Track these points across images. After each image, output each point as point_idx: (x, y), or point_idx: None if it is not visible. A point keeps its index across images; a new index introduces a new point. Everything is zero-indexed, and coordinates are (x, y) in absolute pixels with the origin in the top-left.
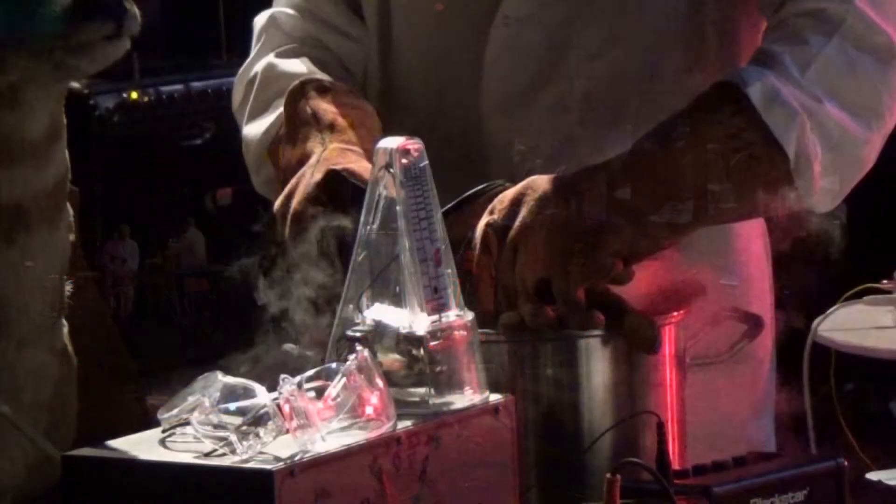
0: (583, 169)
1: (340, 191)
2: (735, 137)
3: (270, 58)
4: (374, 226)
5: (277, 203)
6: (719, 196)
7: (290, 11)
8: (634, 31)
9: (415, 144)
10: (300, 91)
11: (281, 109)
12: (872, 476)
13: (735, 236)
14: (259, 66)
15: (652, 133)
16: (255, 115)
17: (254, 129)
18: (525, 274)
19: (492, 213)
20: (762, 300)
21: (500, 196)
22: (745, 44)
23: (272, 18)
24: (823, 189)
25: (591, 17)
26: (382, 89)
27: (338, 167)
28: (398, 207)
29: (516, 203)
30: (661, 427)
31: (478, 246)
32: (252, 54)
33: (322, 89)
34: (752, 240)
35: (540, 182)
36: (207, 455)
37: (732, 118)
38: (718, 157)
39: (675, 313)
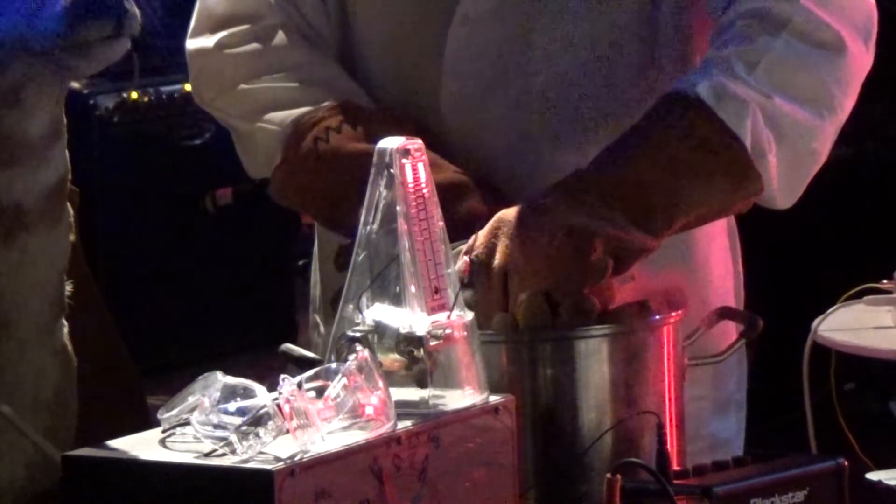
0: (548, 192)
1: None
2: (690, 136)
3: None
4: (374, 226)
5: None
6: (688, 195)
7: None
8: (592, 29)
9: (415, 144)
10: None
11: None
12: (872, 476)
13: (694, 235)
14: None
15: (610, 147)
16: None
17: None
18: (520, 294)
19: (469, 252)
20: (724, 298)
21: (474, 236)
22: (704, 42)
23: None
24: (781, 184)
25: (550, 16)
26: None
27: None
28: (398, 207)
29: (493, 237)
30: (660, 427)
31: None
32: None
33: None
34: (713, 238)
35: (510, 214)
36: (207, 455)
37: (684, 118)
38: (678, 157)
39: (675, 313)
